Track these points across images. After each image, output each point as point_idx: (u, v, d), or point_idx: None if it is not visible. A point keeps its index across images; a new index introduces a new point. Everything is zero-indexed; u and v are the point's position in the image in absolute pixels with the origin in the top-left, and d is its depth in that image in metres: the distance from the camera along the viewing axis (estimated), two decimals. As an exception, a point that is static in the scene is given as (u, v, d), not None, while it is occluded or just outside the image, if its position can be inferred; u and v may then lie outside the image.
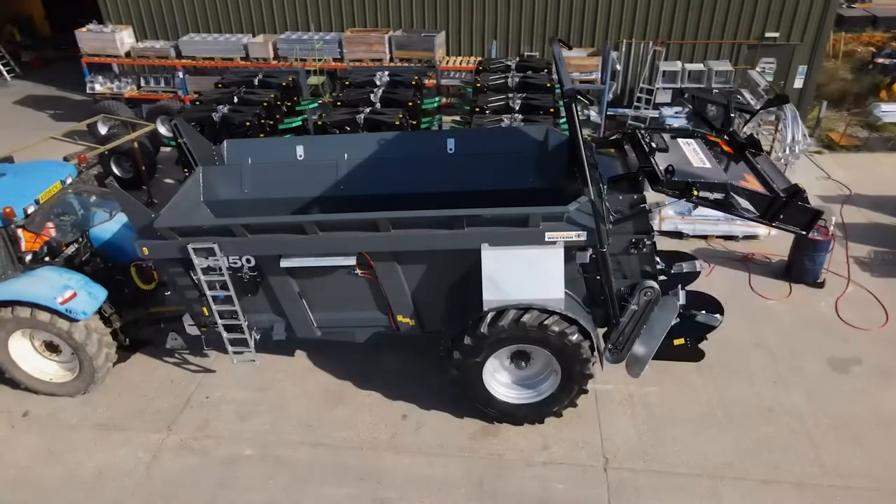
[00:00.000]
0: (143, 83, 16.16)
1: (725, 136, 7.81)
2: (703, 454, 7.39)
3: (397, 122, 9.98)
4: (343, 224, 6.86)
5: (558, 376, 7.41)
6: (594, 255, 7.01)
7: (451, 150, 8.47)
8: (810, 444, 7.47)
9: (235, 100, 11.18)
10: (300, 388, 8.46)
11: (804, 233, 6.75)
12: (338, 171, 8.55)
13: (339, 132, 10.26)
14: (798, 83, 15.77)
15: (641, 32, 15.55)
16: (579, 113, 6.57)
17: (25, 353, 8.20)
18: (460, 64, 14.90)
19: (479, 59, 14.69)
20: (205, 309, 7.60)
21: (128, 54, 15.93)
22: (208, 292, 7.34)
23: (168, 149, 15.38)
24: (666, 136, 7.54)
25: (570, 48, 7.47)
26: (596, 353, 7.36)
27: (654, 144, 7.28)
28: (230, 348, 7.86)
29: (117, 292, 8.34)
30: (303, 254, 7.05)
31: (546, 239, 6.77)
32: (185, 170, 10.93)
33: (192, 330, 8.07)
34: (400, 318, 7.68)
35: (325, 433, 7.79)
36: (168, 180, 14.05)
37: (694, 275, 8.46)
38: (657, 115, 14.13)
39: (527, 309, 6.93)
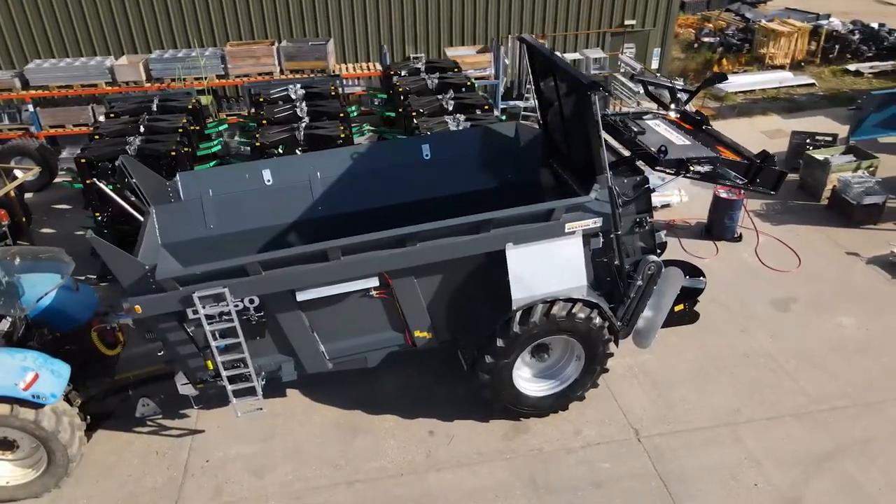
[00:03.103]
0: (-21, 122, 13.80)
1: (678, 115, 8.52)
2: (712, 406, 8.03)
3: (343, 135, 9.55)
4: (368, 245, 6.47)
5: (580, 361, 7.63)
6: (604, 240, 7.31)
7: (426, 155, 8.32)
8: (790, 378, 8.42)
9: (142, 129, 9.98)
10: (308, 427, 7.86)
11: (773, 192, 7.57)
12: (312, 192, 8.04)
13: (277, 153, 9.61)
14: (655, 64, 17.46)
15: (518, 27, 16.26)
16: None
17: (-31, 459, 6.76)
18: (355, 70, 14.55)
19: (376, 64, 14.49)
20: (209, 363, 6.77)
21: (-44, 90, 13.51)
22: (213, 343, 6.55)
23: (30, 194, 13.39)
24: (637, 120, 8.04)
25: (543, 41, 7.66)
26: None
27: (634, 129, 7.73)
28: (234, 400, 7.07)
29: (73, 364, 7.14)
30: (322, 283, 6.56)
31: (566, 230, 6.93)
32: (97, 214, 9.66)
33: (187, 389, 7.16)
34: (417, 333, 7.42)
35: (356, 468, 7.33)
36: (48, 230, 12.19)
37: (662, 245, 9.10)
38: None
39: (553, 301, 7.06)
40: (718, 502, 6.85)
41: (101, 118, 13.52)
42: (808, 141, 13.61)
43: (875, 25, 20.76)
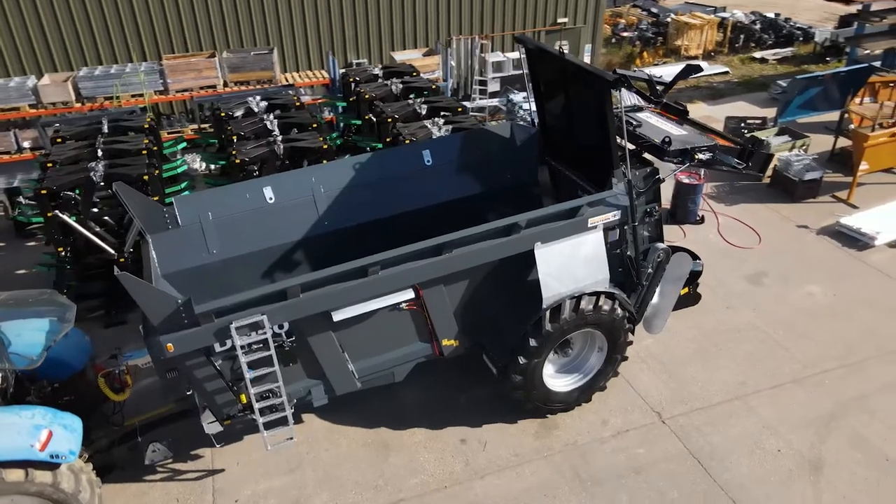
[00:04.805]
0: None
1: (660, 107, 8.85)
2: (721, 382, 8.42)
3: (325, 146, 9.23)
4: (405, 257, 6.30)
5: (602, 352, 7.78)
6: (619, 231, 7.49)
7: (428, 161, 8.20)
8: (781, 347, 8.97)
9: (100, 153, 9.20)
10: (336, 451, 7.55)
11: (761, 174, 8.05)
12: (317, 207, 7.74)
13: (259, 169, 9.17)
14: (587, 59, 18.06)
15: (457, 29, 16.35)
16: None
17: (-29, 537, 5.99)
18: (301, 79, 14.11)
19: (322, 72, 14.10)
20: (242, 396, 6.35)
21: None
22: (248, 374, 6.16)
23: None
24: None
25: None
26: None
27: (633, 122, 7.98)
28: (266, 433, 6.67)
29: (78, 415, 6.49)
30: (360, 300, 6.33)
31: (589, 225, 7.05)
32: (60, 249, 8.84)
33: (213, 427, 6.69)
34: (445, 341, 7.32)
35: (397, 487, 7.12)
36: (-16, 271, 10.99)
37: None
38: (503, 103, 15.11)
39: (580, 296, 7.16)
40: (751, 472, 7.19)
41: (27, 144, 12.49)
42: (742, 125, 14.55)
43: (772, 15, 22.48)
